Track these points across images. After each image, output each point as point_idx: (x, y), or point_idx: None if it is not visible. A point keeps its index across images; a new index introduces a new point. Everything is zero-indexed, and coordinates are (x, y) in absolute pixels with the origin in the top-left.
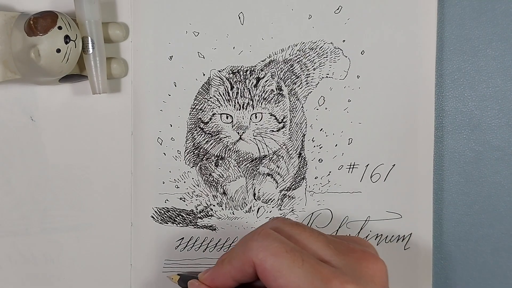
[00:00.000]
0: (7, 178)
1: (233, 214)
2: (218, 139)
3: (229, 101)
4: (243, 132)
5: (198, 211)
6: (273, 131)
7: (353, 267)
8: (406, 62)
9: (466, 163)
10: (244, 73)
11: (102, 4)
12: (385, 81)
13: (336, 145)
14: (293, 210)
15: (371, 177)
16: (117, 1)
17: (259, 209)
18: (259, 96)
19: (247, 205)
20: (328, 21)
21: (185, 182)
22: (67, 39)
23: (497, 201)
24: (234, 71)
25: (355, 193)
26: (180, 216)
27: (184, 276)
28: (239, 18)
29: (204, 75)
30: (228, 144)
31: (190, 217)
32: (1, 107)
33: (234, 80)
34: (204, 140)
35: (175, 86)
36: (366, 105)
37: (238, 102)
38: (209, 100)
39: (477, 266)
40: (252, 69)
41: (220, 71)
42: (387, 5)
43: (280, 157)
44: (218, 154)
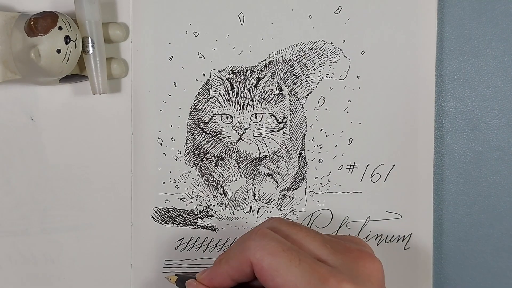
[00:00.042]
0: (7, 178)
1: (233, 214)
2: (218, 139)
3: (229, 101)
4: (243, 132)
5: (198, 211)
6: (273, 131)
7: (350, 266)
8: (406, 62)
9: (466, 163)
10: (244, 73)
11: (102, 4)
12: (385, 81)
13: (336, 145)
14: (293, 210)
15: (371, 177)
16: (117, 1)
17: (259, 209)
18: (259, 96)
19: (247, 205)
20: (328, 21)
21: (185, 182)
22: (67, 40)
23: (497, 201)
24: (234, 71)
25: (355, 193)
26: (180, 216)
27: (182, 277)
28: (239, 18)
29: (204, 75)
30: (228, 144)
31: (190, 217)
32: (1, 107)
33: (234, 81)
34: (204, 140)
35: (175, 86)
36: (366, 105)
37: (238, 102)
38: (209, 100)
39: (477, 266)
40: (252, 69)
41: (220, 71)
42: (387, 5)
43: (280, 157)
44: (218, 154)
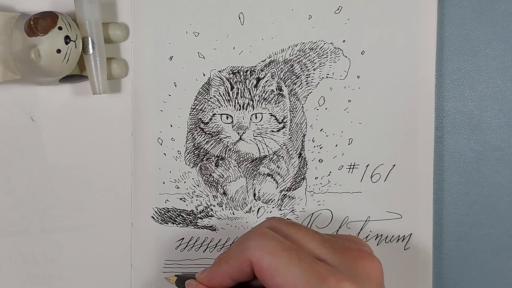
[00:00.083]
0: (7, 178)
1: (233, 215)
2: (218, 140)
3: (229, 102)
4: (243, 133)
5: (198, 211)
6: (273, 131)
7: (349, 266)
8: (406, 62)
9: (466, 163)
10: (244, 74)
11: (102, 4)
12: (385, 81)
13: (336, 145)
14: (293, 210)
15: (371, 177)
16: (117, 1)
17: (259, 210)
18: (259, 97)
19: (247, 205)
20: (328, 21)
21: (185, 183)
22: (68, 40)
23: (497, 201)
24: (234, 71)
25: (355, 193)
26: (180, 216)
27: (181, 277)
28: (239, 18)
29: (204, 75)
30: (228, 145)
31: (190, 217)
32: (1, 107)
33: (234, 81)
34: (204, 141)
35: (175, 86)
36: (366, 105)
37: (238, 103)
38: (209, 101)
39: (477, 266)
40: (252, 69)
41: (220, 72)
42: (387, 5)
43: (280, 157)
44: (218, 155)
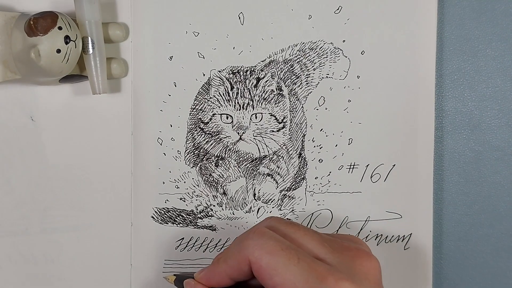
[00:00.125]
0: (7, 178)
1: (233, 214)
2: (218, 139)
3: (229, 101)
4: (243, 132)
5: (198, 211)
6: (273, 131)
7: (348, 265)
8: (406, 62)
9: (466, 163)
10: (244, 73)
11: (102, 4)
12: (385, 81)
13: (336, 145)
14: (293, 210)
15: (371, 177)
16: (117, 1)
17: (259, 209)
18: (259, 96)
19: (247, 205)
20: (328, 21)
21: (185, 182)
22: (67, 39)
23: (497, 201)
24: (234, 71)
25: (355, 193)
26: (180, 216)
27: (180, 276)
28: (239, 18)
29: (204, 75)
30: (228, 144)
31: (190, 217)
32: (1, 107)
33: (234, 80)
34: (204, 140)
35: (175, 86)
36: (366, 105)
37: (238, 102)
38: (209, 100)
39: (477, 266)
40: (252, 69)
41: (220, 71)
42: (387, 5)
43: (280, 157)
44: (218, 154)
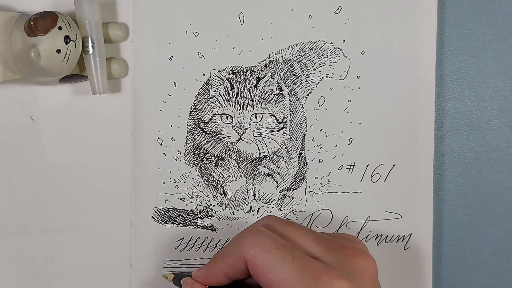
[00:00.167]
0: (7, 178)
1: (233, 214)
2: (218, 139)
3: (229, 101)
4: (243, 132)
5: (198, 211)
6: (273, 131)
7: (343, 263)
8: (406, 62)
9: (466, 163)
10: (244, 73)
11: (102, 4)
12: (385, 81)
13: (336, 145)
14: (293, 211)
15: (371, 177)
16: (117, 1)
17: (259, 209)
18: (259, 96)
19: (247, 205)
20: (328, 21)
21: (185, 182)
22: (67, 40)
23: (497, 201)
24: (234, 71)
25: (355, 193)
26: (180, 216)
27: (178, 275)
28: (239, 18)
29: (204, 75)
30: (228, 144)
31: (190, 217)
32: (1, 107)
33: (234, 80)
34: (204, 140)
35: (175, 86)
36: (366, 105)
37: (238, 102)
38: (209, 100)
39: (477, 266)
40: (252, 69)
41: (220, 71)
42: (387, 5)
43: (280, 157)
44: (218, 154)
